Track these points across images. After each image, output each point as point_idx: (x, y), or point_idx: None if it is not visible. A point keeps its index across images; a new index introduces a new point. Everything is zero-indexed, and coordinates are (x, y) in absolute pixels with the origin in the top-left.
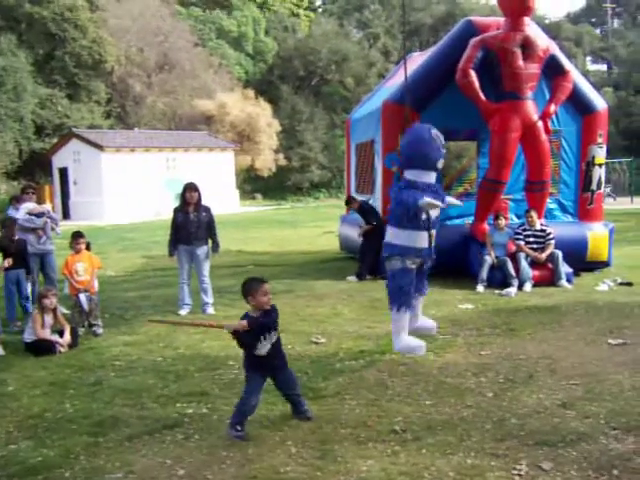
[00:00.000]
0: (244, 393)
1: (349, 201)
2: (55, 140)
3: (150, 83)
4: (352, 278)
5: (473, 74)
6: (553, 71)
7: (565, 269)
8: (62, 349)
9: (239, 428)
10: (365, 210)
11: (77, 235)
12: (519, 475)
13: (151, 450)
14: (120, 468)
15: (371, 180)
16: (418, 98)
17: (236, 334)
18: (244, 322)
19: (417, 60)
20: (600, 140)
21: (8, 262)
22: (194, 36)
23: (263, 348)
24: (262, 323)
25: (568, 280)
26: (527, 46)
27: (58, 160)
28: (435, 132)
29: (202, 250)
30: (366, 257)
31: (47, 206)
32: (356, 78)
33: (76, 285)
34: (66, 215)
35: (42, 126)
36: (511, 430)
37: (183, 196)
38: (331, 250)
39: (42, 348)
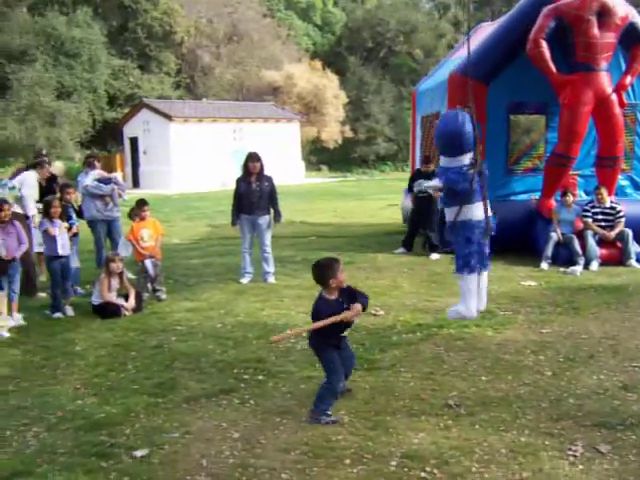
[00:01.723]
0: (329, 375)
1: (429, 159)
2: (126, 110)
3: (219, 54)
4: (435, 256)
5: (545, 44)
6: (631, 40)
7: (635, 248)
8: (127, 312)
9: (330, 413)
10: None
11: (141, 203)
12: (574, 456)
13: (207, 413)
14: (177, 428)
15: (436, 153)
16: (486, 70)
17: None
18: (358, 306)
19: (486, 30)
20: None
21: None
22: (263, 7)
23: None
24: (350, 291)
25: (637, 260)
26: (604, 14)
27: (129, 130)
28: (463, 118)
29: (264, 220)
30: (434, 228)
31: (116, 174)
32: (425, 49)
33: (141, 251)
34: (136, 184)
35: (114, 96)
36: (568, 410)
37: (246, 166)
38: (394, 223)
39: (108, 311)
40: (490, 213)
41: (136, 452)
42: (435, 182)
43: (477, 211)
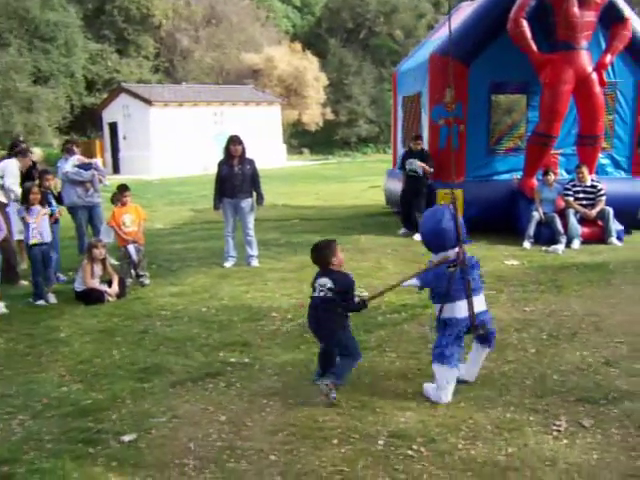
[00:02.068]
0: (357, 351)
1: (419, 137)
2: (105, 95)
3: (197, 37)
4: (418, 236)
5: (525, 23)
6: (611, 19)
7: (616, 226)
8: (110, 298)
9: (334, 392)
10: (428, 155)
11: (123, 188)
12: (558, 431)
13: (194, 397)
14: (164, 413)
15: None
16: (466, 50)
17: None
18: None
19: (467, 10)
20: None
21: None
22: None
23: None
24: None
25: (619, 238)
26: None
27: (108, 115)
28: (441, 215)
29: (246, 203)
30: (422, 209)
31: (96, 159)
32: (405, 30)
33: (124, 236)
34: (116, 169)
35: (92, 81)
36: (552, 386)
37: (227, 149)
38: (376, 204)
39: (92, 297)
40: (483, 308)
41: (123, 437)
42: (413, 281)
43: (460, 309)
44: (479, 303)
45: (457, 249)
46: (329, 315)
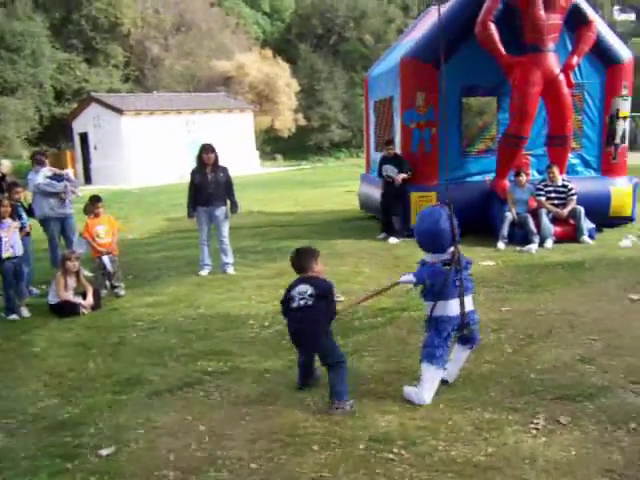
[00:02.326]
0: (341, 356)
1: (390, 141)
2: (75, 105)
3: (167, 45)
4: (393, 240)
5: (493, 27)
6: (576, 21)
7: (587, 225)
8: (85, 311)
9: (347, 398)
10: (402, 159)
11: (95, 199)
12: (536, 429)
13: (173, 407)
14: (143, 424)
15: (390, 138)
16: (437, 54)
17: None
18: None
19: (436, 14)
20: (625, 92)
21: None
22: None
23: None
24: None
25: (590, 236)
26: None
27: (78, 125)
28: (439, 216)
29: (221, 211)
30: (398, 213)
31: (68, 170)
32: (375, 35)
33: (98, 248)
34: (88, 180)
35: (61, 91)
36: (529, 385)
37: (200, 157)
38: (352, 209)
39: (66, 310)
40: (471, 307)
41: (102, 451)
42: (409, 277)
43: (452, 307)
44: (469, 303)
45: (452, 249)
46: (313, 324)
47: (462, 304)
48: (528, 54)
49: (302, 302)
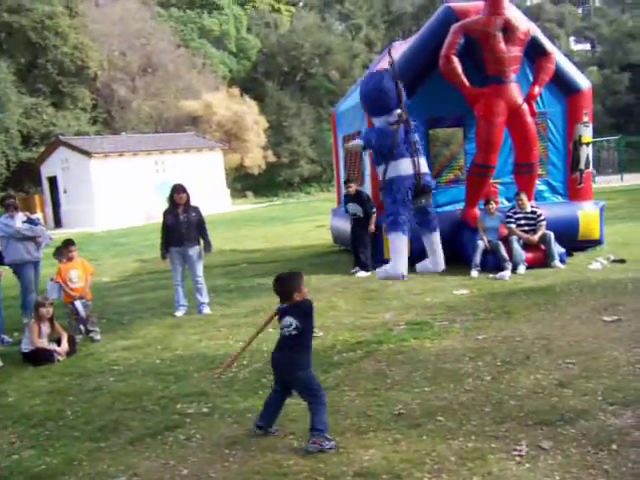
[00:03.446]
0: (318, 392)
1: (349, 180)
2: (42, 149)
3: (135, 87)
4: (362, 274)
5: (456, 60)
6: (535, 53)
7: (558, 249)
8: (60, 357)
9: (329, 437)
10: (363, 198)
11: (68, 243)
12: (520, 455)
13: (154, 452)
14: (124, 471)
15: (360, 172)
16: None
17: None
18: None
19: (399, 49)
20: (586, 119)
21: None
22: (176, 37)
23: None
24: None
25: (561, 260)
26: (508, 29)
27: (47, 169)
28: (381, 77)
29: (194, 250)
30: (366, 247)
31: (37, 215)
32: (340, 70)
33: (71, 293)
34: (58, 224)
35: (29, 135)
36: (510, 412)
37: (172, 198)
38: (324, 244)
39: (40, 357)
40: (424, 169)
41: None
42: (357, 141)
43: (404, 167)
44: (423, 164)
45: (398, 110)
46: (295, 354)
47: (416, 164)
48: (491, 85)
49: (287, 334)
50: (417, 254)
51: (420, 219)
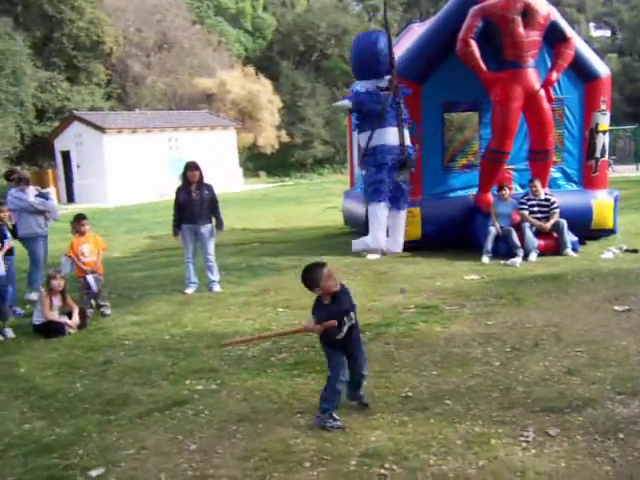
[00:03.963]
0: (332, 373)
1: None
2: (57, 124)
3: (149, 63)
4: (373, 256)
5: (474, 44)
6: (554, 38)
7: (570, 238)
8: (71, 330)
9: (336, 417)
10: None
11: (80, 217)
12: (526, 441)
13: (162, 426)
14: (132, 444)
15: None
16: (419, 71)
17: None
18: (333, 322)
19: (417, 31)
20: (603, 107)
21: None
22: (192, 14)
23: (343, 332)
24: (343, 311)
25: (573, 249)
26: (527, 13)
27: (60, 143)
28: (376, 38)
29: (206, 228)
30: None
31: (50, 189)
32: None
33: (83, 267)
34: (70, 198)
35: (43, 110)
36: (518, 398)
37: (185, 175)
38: (335, 225)
39: (51, 330)
40: (408, 142)
41: (91, 472)
42: (344, 102)
43: (390, 136)
44: (407, 136)
45: (389, 76)
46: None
47: (401, 135)
48: (508, 70)
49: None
50: (426, 236)
51: (393, 195)
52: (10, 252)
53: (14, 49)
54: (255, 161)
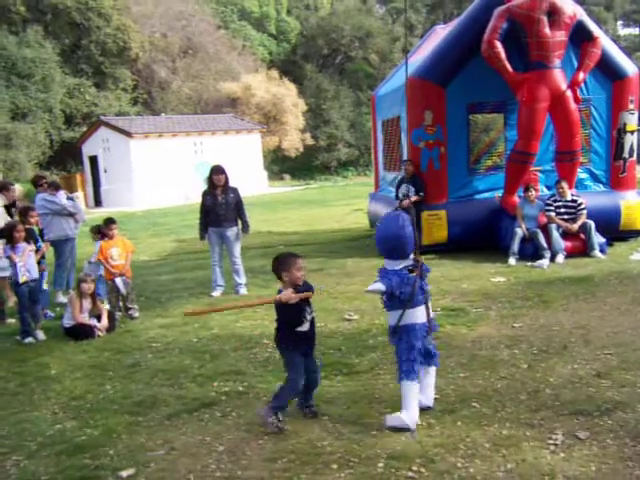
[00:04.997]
0: (291, 375)
1: (410, 161)
2: (84, 129)
3: (175, 68)
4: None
5: (499, 45)
6: (581, 38)
7: (598, 239)
8: (100, 333)
9: (281, 418)
10: (418, 179)
11: (109, 221)
12: (555, 445)
13: (190, 428)
14: (161, 445)
15: (399, 157)
16: (443, 73)
17: (281, 308)
18: (290, 291)
19: (441, 34)
20: (632, 106)
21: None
22: (216, 19)
23: (306, 324)
24: (305, 290)
25: (601, 250)
26: (553, 13)
27: (88, 148)
28: (403, 222)
29: (232, 231)
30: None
31: (77, 193)
32: (380, 54)
33: (112, 270)
34: (98, 203)
35: (71, 115)
36: (546, 400)
37: (210, 179)
38: (361, 228)
39: (81, 332)
40: (432, 315)
41: (122, 473)
42: (378, 285)
43: (419, 314)
44: (431, 309)
45: (413, 255)
46: (276, 334)
47: (428, 310)
48: (534, 71)
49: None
50: (453, 238)
51: (426, 359)
52: (42, 256)
53: (44, 57)
54: (280, 164)
